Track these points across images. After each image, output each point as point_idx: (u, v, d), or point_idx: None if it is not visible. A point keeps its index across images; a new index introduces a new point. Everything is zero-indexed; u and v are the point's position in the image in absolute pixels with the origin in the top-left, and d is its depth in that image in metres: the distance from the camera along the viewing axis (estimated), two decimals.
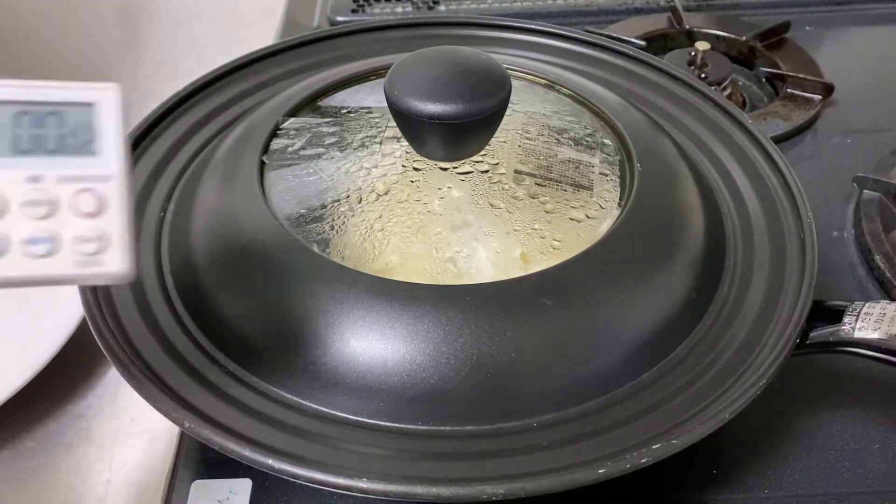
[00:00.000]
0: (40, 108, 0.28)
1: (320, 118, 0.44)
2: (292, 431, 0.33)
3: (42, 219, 0.28)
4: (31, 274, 0.28)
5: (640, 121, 0.45)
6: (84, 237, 0.28)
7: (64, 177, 0.28)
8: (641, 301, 0.36)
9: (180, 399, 0.33)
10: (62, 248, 0.28)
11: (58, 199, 0.28)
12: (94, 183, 0.29)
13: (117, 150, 0.29)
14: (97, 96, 0.29)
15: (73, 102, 0.29)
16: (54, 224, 0.28)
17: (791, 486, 0.38)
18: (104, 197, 0.29)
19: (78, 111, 0.29)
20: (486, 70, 0.38)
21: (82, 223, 0.28)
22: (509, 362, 0.33)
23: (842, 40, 0.70)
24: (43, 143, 0.28)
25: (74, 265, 0.28)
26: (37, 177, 0.28)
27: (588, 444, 0.32)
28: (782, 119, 0.59)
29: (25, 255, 0.28)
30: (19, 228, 0.28)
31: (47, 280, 0.28)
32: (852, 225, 0.51)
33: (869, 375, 0.42)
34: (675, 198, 0.41)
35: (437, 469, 0.32)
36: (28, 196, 0.28)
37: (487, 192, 0.39)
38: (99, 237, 0.28)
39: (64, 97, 0.29)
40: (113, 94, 0.29)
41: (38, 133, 0.28)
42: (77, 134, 0.29)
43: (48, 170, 0.28)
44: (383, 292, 0.34)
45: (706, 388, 0.34)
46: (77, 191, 0.28)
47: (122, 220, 0.29)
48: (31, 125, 0.28)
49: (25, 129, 0.28)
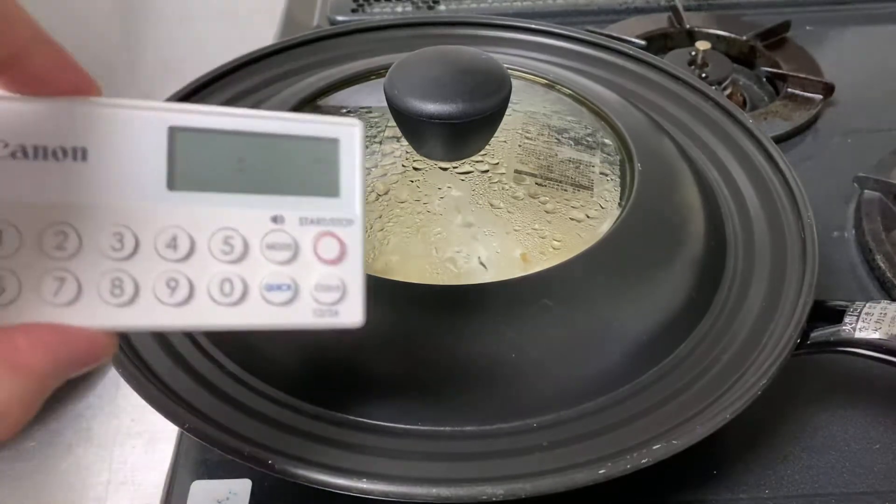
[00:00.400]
0: (284, 142, 0.26)
1: None
2: (292, 432, 0.33)
3: (283, 264, 0.26)
4: (268, 322, 0.26)
5: (640, 120, 0.45)
6: (325, 285, 0.26)
7: (306, 218, 0.26)
8: (642, 301, 0.36)
9: (180, 399, 0.33)
10: (302, 296, 0.26)
11: (299, 243, 0.26)
12: (335, 227, 0.26)
13: (359, 192, 0.27)
14: (342, 132, 0.26)
15: (319, 138, 0.26)
16: (295, 270, 0.26)
17: (792, 486, 0.38)
18: (345, 242, 0.26)
19: (322, 147, 0.26)
20: (486, 70, 0.38)
21: (324, 270, 0.26)
22: (509, 362, 0.33)
23: (842, 40, 0.70)
24: (285, 180, 0.26)
25: (313, 314, 0.26)
26: (279, 217, 0.26)
27: (588, 445, 0.32)
28: (783, 119, 0.59)
29: (265, 302, 0.26)
30: (260, 273, 0.25)
31: (280, 329, 0.26)
32: (853, 225, 0.51)
33: (869, 376, 0.42)
34: (675, 198, 0.41)
35: (437, 469, 0.32)
36: (271, 238, 0.26)
37: (487, 191, 0.39)
38: (338, 286, 0.26)
39: (310, 132, 0.26)
40: (358, 132, 0.27)
41: (280, 169, 0.26)
42: (321, 172, 0.26)
43: (290, 210, 0.26)
44: (383, 292, 0.34)
45: (707, 388, 0.34)
46: (319, 234, 0.26)
47: (360, 269, 0.27)
48: (273, 160, 0.26)
49: (268, 164, 0.26)
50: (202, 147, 0.25)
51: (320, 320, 0.26)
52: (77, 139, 0.24)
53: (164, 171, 0.25)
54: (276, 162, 0.26)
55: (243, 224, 0.26)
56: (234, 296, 0.25)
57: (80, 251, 0.24)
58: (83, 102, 0.24)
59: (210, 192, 0.25)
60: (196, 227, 0.25)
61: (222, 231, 0.25)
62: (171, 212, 0.25)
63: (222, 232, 0.25)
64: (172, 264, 0.25)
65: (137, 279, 0.25)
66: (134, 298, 0.25)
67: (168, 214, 0.25)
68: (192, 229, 0.25)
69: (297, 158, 0.26)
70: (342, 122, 0.26)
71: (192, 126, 0.25)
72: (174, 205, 0.25)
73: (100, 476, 0.43)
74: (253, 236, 0.26)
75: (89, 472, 0.43)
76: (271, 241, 0.26)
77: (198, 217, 0.25)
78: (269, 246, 0.26)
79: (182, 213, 0.25)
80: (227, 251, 0.25)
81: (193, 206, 0.25)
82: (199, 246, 0.25)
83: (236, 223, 0.25)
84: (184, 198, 0.25)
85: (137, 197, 0.25)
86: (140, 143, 0.25)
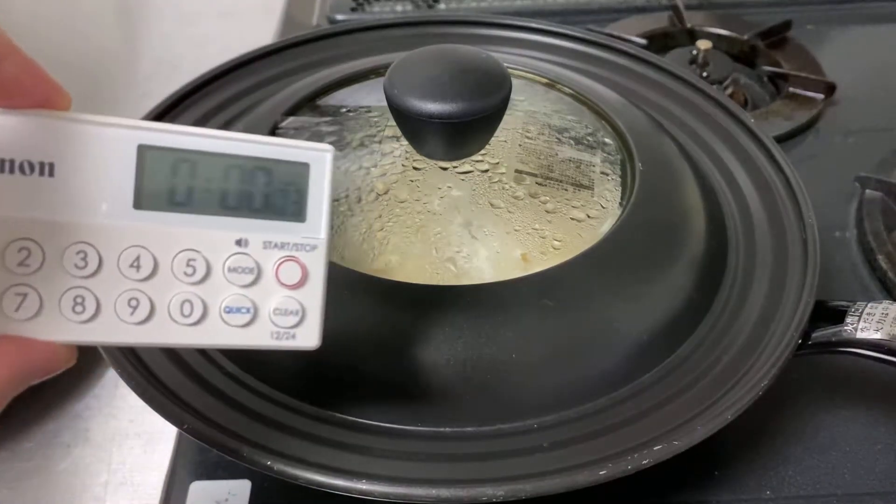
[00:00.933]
0: (253, 165, 0.26)
1: (319, 117, 0.44)
2: (291, 432, 0.33)
3: (245, 287, 0.26)
4: (225, 343, 0.26)
5: (641, 120, 0.45)
6: (284, 310, 0.26)
7: (270, 242, 0.26)
8: (643, 301, 0.36)
9: (178, 400, 0.33)
10: (260, 319, 0.26)
11: (262, 266, 0.26)
12: (298, 252, 0.27)
13: (326, 218, 0.27)
14: (313, 157, 0.26)
15: (289, 162, 0.26)
16: (256, 293, 0.26)
17: (793, 487, 0.38)
18: (307, 268, 0.27)
19: (292, 171, 0.26)
20: (486, 69, 0.38)
21: (284, 294, 0.26)
22: (509, 363, 0.33)
23: (844, 39, 0.69)
24: (251, 202, 0.26)
25: (270, 337, 0.27)
26: (243, 240, 0.26)
27: (589, 446, 0.32)
28: (784, 118, 0.59)
29: (223, 324, 0.26)
30: (220, 295, 0.26)
31: (237, 348, 0.26)
32: (854, 225, 0.51)
33: (871, 376, 0.42)
34: (676, 197, 0.41)
35: (438, 470, 0.32)
36: (234, 262, 0.26)
37: (488, 191, 0.39)
38: (297, 311, 0.27)
39: (280, 155, 0.26)
40: (329, 157, 0.27)
41: (248, 192, 0.26)
42: (289, 197, 0.26)
43: (255, 233, 0.26)
44: (383, 292, 0.34)
45: (708, 388, 0.34)
46: (282, 259, 0.26)
47: (321, 295, 0.27)
48: (241, 182, 0.26)
49: (235, 186, 0.26)
50: (171, 167, 0.25)
51: (277, 342, 0.27)
52: (44, 154, 0.24)
53: (131, 189, 0.25)
54: (244, 184, 0.26)
55: (207, 246, 0.26)
56: (193, 317, 0.26)
57: (42, 267, 0.24)
58: (52, 117, 0.24)
59: (176, 213, 0.25)
60: (160, 248, 0.25)
61: (186, 252, 0.26)
62: (136, 231, 0.25)
63: (186, 253, 0.26)
64: (135, 283, 0.25)
65: (99, 297, 0.25)
66: (95, 316, 0.25)
67: (133, 234, 0.25)
68: (156, 249, 0.25)
69: (265, 182, 0.26)
70: (313, 147, 0.27)
71: (162, 145, 0.25)
72: (140, 224, 0.25)
73: (98, 477, 0.43)
74: (216, 258, 0.26)
75: (88, 473, 0.43)
76: (234, 264, 0.26)
77: (162, 237, 0.25)
78: (231, 269, 0.26)
79: (147, 232, 0.25)
80: (190, 273, 0.26)
81: (159, 225, 0.25)
82: (162, 266, 0.25)
83: (200, 245, 0.26)
84: (150, 217, 0.25)
85: (103, 215, 0.25)
86: (108, 160, 0.24)
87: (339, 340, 0.34)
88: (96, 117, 0.24)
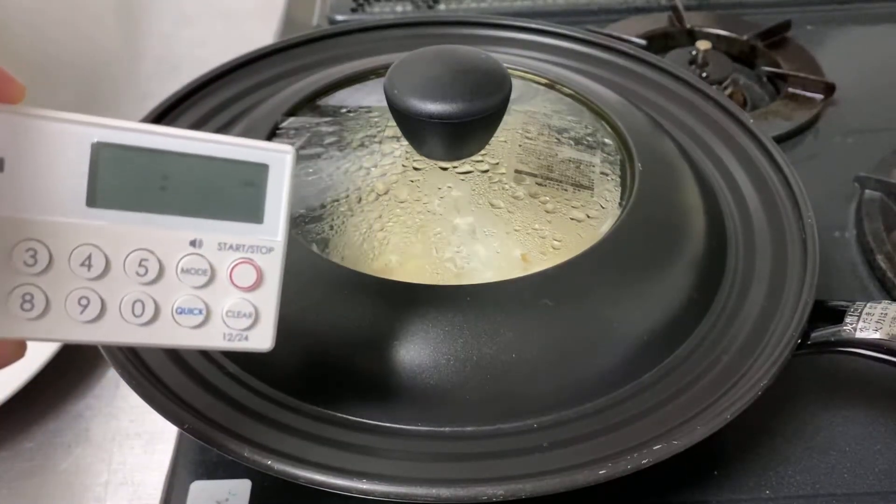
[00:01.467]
0: (211, 164, 0.25)
1: (319, 117, 0.44)
2: (291, 432, 0.33)
3: (198, 288, 0.26)
4: (176, 343, 0.26)
5: (640, 120, 0.45)
6: (237, 312, 0.26)
7: (225, 244, 0.26)
8: (642, 301, 0.36)
9: (179, 400, 0.33)
10: (213, 320, 0.26)
11: (215, 268, 0.26)
12: (254, 254, 0.26)
13: (283, 220, 0.26)
14: (273, 158, 0.26)
15: (248, 162, 0.26)
16: (209, 295, 0.26)
17: (792, 486, 0.38)
18: (262, 270, 0.26)
19: (250, 172, 0.26)
20: (486, 69, 0.38)
21: (237, 296, 0.26)
22: (509, 363, 0.33)
23: (843, 39, 0.69)
24: (208, 203, 0.26)
25: (223, 338, 0.26)
26: (198, 241, 0.26)
27: (588, 445, 0.32)
28: (783, 118, 0.59)
29: (175, 324, 0.26)
30: (173, 296, 0.26)
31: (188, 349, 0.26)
32: (854, 225, 0.51)
33: (870, 376, 0.42)
34: (676, 198, 0.41)
35: (437, 470, 0.32)
36: (187, 262, 0.26)
37: (487, 191, 0.39)
38: (251, 313, 0.26)
39: (239, 155, 0.26)
40: (289, 158, 0.26)
41: (204, 192, 0.25)
42: (246, 197, 0.26)
43: (210, 234, 0.26)
44: (383, 292, 0.34)
45: (707, 388, 0.34)
46: (237, 260, 0.26)
47: (275, 297, 0.27)
48: (198, 182, 0.25)
49: (192, 185, 0.25)
50: (126, 165, 0.25)
51: (229, 344, 0.27)
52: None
53: (84, 187, 0.24)
54: (201, 184, 0.26)
55: (161, 245, 0.25)
56: (144, 317, 0.25)
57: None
58: (3, 111, 0.24)
59: (130, 212, 0.25)
60: (112, 246, 0.25)
61: (139, 252, 0.25)
62: (88, 229, 0.25)
63: (139, 253, 0.25)
64: (85, 282, 0.25)
65: (49, 295, 0.25)
66: (44, 313, 0.25)
67: (85, 232, 0.25)
68: (109, 248, 0.25)
69: (223, 182, 0.26)
70: (273, 148, 0.26)
71: (117, 143, 0.25)
72: (92, 222, 0.25)
73: (99, 477, 0.43)
74: (169, 259, 0.26)
75: (88, 473, 0.43)
76: (187, 265, 0.26)
77: (115, 236, 0.25)
78: (184, 270, 0.26)
79: (99, 231, 0.25)
80: (142, 273, 0.25)
81: (112, 224, 0.25)
82: (115, 265, 0.25)
83: (154, 244, 0.25)
84: (103, 215, 0.25)
85: (55, 212, 0.24)
86: (61, 157, 0.24)
87: (339, 340, 0.34)
88: (50, 112, 0.24)
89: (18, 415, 0.45)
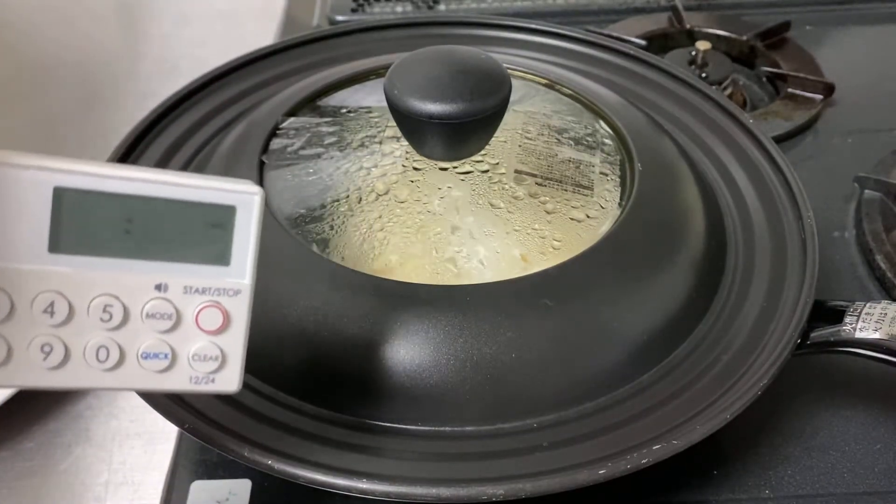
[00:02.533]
0: (176, 207, 0.25)
1: (320, 118, 0.44)
2: (291, 432, 0.33)
3: (163, 332, 0.26)
4: (141, 387, 0.26)
5: (640, 120, 0.45)
6: (203, 355, 0.26)
7: (191, 287, 0.26)
8: (642, 301, 0.36)
9: (179, 399, 0.33)
10: (179, 364, 0.26)
11: (182, 312, 0.26)
12: (220, 297, 0.26)
13: (251, 262, 0.26)
14: (240, 199, 0.25)
15: (214, 204, 0.25)
16: (175, 339, 0.26)
17: (792, 486, 0.38)
18: (229, 313, 0.26)
19: (217, 214, 0.25)
20: (486, 69, 0.38)
21: (204, 340, 0.26)
22: (509, 363, 0.33)
23: (843, 40, 0.69)
24: (174, 246, 0.25)
25: (189, 381, 0.26)
26: (163, 285, 0.25)
27: (588, 445, 0.32)
28: (783, 119, 0.59)
29: (140, 369, 0.26)
30: (138, 341, 0.25)
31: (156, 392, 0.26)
32: (853, 225, 0.51)
33: (870, 376, 0.42)
34: (675, 198, 0.41)
35: (437, 470, 0.32)
36: (152, 307, 0.25)
37: (487, 191, 0.39)
38: (217, 357, 0.26)
39: (205, 198, 0.25)
40: (258, 199, 0.25)
41: (169, 235, 0.25)
42: (213, 240, 0.25)
43: (176, 278, 0.25)
44: (383, 292, 0.34)
45: (707, 388, 0.34)
46: (203, 304, 0.26)
47: (242, 340, 0.26)
48: (163, 225, 0.25)
49: (157, 229, 0.25)
50: (89, 209, 0.24)
51: (196, 387, 0.26)
52: None
53: (46, 232, 0.24)
54: (166, 227, 0.25)
55: (125, 290, 0.25)
56: (109, 362, 0.25)
57: None
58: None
59: (94, 257, 0.25)
60: (76, 293, 0.25)
61: (103, 297, 0.25)
62: (51, 276, 0.24)
63: (103, 298, 0.25)
64: (48, 329, 0.24)
65: (10, 342, 0.24)
66: (6, 361, 0.24)
67: (48, 278, 0.24)
68: (72, 294, 0.25)
69: (188, 224, 0.25)
70: (241, 189, 0.25)
71: (80, 187, 0.24)
72: (55, 268, 0.24)
73: (99, 476, 0.43)
74: (134, 303, 0.25)
75: (88, 473, 0.43)
76: (152, 309, 0.25)
77: (79, 282, 0.25)
78: (149, 314, 0.25)
79: (62, 277, 0.24)
80: (106, 318, 0.25)
81: (75, 270, 0.24)
82: (78, 311, 0.25)
83: (118, 289, 0.25)
84: (66, 261, 0.24)
85: (16, 258, 0.24)
86: (22, 202, 0.24)
87: (340, 340, 0.34)
88: (10, 157, 0.23)
89: (18, 415, 0.45)
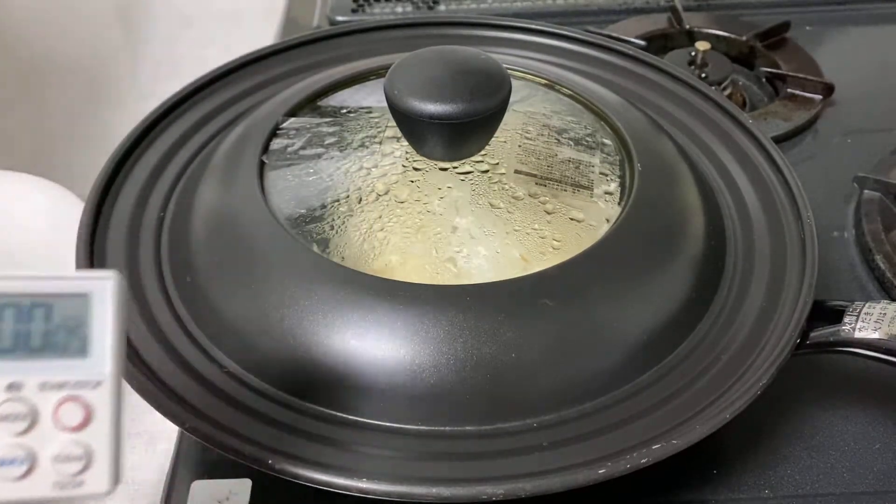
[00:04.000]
0: (26, 302, 0.24)
1: (320, 118, 0.44)
2: (292, 431, 0.33)
3: (18, 435, 0.24)
4: None
5: (640, 121, 0.45)
6: (66, 455, 0.24)
7: (47, 383, 0.24)
8: (641, 301, 0.36)
9: (180, 399, 0.33)
10: (39, 468, 0.24)
11: (38, 410, 0.24)
12: (80, 390, 0.24)
13: (112, 350, 0.25)
14: (94, 287, 0.24)
15: (67, 294, 0.24)
16: (31, 440, 0.24)
17: (792, 486, 0.38)
18: (91, 406, 0.24)
19: (70, 304, 0.24)
20: (485, 70, 0.38)
21: (65, 438, 0.24)
22: (509, 362, 0.33)
23: (842, 40, 0.69)
24: (26, 341, 0.24)
25: (52, 487, 0.24)
26: (16, 384, 0.24)
27: (588, 445, 0.32)
28: (782, 119, 0.59)
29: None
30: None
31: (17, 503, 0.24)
32: (853, 225, 0.51)
33: (869, 376, 0.42)
34: (675, 198, 0.41)
35: (437, 469, 0.32)
36: (5, 409, 0.24)
37: (487, 192, 0.39)
38: (82, 455, 0.24)
39: (56, 289, 0.24)
40: (111, 284, 0.25)
41: (21, 329, 0.24)
42: (66, 331, 0.24)
43: (30, 375, 0.24)
44: (383, 292, 0.34)
45: (706, 388, 0.34)
46: (61, 399, 0.24)
47: (110, 433, 0.25)
48: (13, 320, 0.24)
49: (7, 326, 0.24)
50: None
51: (62, 492, 0.24)
52: None
53: None
54: (18, 324, 0.24)
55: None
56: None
57: None
58: None
59: None
60: None
61: None
62: None
63: None
64: None
65: None
66: None
67: None
68: None
69: (40, 318, 0.24)
70: (94, 276, 0.25)
71: None
72: None
73: None
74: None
75: None
76: (5, 411, 0.24)
77: None
78: (2, 417, 0.24)
79: None
80: None
81: None
82: None
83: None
84: None
85: None
86: None
87: (340, 339, 0.34)
88: None
89: None
